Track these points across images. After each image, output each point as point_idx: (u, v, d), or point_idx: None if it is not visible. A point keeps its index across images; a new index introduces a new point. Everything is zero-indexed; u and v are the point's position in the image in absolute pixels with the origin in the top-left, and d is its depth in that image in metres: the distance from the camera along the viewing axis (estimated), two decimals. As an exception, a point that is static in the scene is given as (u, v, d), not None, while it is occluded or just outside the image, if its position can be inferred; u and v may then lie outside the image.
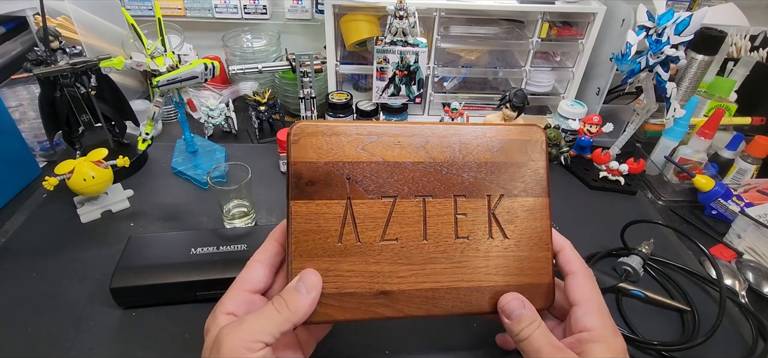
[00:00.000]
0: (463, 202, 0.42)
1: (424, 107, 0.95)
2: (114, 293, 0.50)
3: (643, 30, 0.65)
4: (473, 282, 0.40)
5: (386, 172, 0.41)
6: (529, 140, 0.44)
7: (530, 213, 0.43)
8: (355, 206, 0.40)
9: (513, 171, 0.43)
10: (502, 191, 0.43)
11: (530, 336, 0.36)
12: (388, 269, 0.39)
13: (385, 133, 0.41)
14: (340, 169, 0.40)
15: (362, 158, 0.40)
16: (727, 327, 0.53)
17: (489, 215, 0.42)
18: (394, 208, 0.41)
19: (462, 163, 0.42)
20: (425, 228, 0.41)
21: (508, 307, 0.38)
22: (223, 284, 0.50)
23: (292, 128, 0.39)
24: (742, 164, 0.76)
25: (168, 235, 0.57)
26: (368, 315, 0.38)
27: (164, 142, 0.83)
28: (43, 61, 0.65)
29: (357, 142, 0.41)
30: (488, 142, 0.43)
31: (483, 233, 0.42)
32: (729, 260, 0.63)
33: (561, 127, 0.86)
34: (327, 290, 0.38)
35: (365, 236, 0.40)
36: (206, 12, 0.98)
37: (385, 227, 0.40)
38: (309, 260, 0.38)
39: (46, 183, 0.59)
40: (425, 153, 0.42)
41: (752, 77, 0.93)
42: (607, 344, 0.35)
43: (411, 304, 0.39)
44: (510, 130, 0.44)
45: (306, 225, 0.39)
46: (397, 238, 0.40)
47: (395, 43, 0.79)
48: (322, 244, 0.39)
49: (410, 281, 0.39)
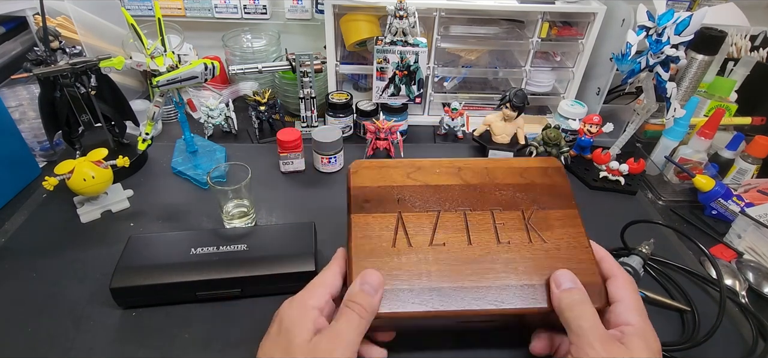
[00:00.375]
0: (499, 213, 0.47)
1: (424, 107, 0.95)
2: (114, 293, 0.50)
3: (643, 30, 0.65)
4: (520, 280, 0.43)
5: (429, 193, 0.48)
6: (548, 166, 0.52)
7: (563, 221, 0.47)
8: (405, 218, 0.46)
9: (539, 189, 0.49)
10: (533, 205, 0.48)
11: (580, 312, 0.38)
12: (439, 268, 0.43)
13: (425, 165, 0.51)
14: (390, 192, 0.48)
15: (408, 183, 0.49)
16: (727, 327, 0.53)
17: (525, 225, 0.47)
18: (439, 219, 0.47)
19: (492, 185, 0.50)
20: (469, 234, 0.46)
21: (560, 278, 0.41)
22: (224, 284, 0.51)
23: (351, 165, 0.50)
24: (742, 164, 0.76)
25: (168, 235, 0.57)
26: (422, 307, 0.41)
27: (164, 142, 0.83)
28: (43, 61, 0.65)
29: (403, 172, 0.50)
30: (512, 168, 0.51)
31: (523, 239, 0.46)
32: (729, 260, 0.63)
33: (561, 127, 0.86)
34: (385, 284, 0.41)
35: (416, 240, 0.45)
36: (206, 12, 0.98)
37: (433, 233, 0.45)
38: (367, 260, 0.43)
39: (46, 183, 0.59)
40: (460, 178, 0.50)
41: (752, 77, 0.93)
42: (647, 340, 0.37)
43: (463, 299, 0.41)
44: (529, 160, 0.53)
45: (364, 232, 0.45)
46: (444, 243, 0.45)
47: (395, 43, 0.79)
48: (378, 247, 0.44)
49: (461, 279, 0.43)
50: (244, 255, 0.53)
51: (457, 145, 0.89)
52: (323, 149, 0.75)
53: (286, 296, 0.46)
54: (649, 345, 0.37)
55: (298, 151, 0.74)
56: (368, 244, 0.44)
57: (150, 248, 0.54)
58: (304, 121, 0.86)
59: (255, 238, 0.56)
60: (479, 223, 0.47)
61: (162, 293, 0.51)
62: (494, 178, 0.50)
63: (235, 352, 0.48)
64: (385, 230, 0.45)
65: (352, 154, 0.81)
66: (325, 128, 0.77)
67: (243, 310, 0.52)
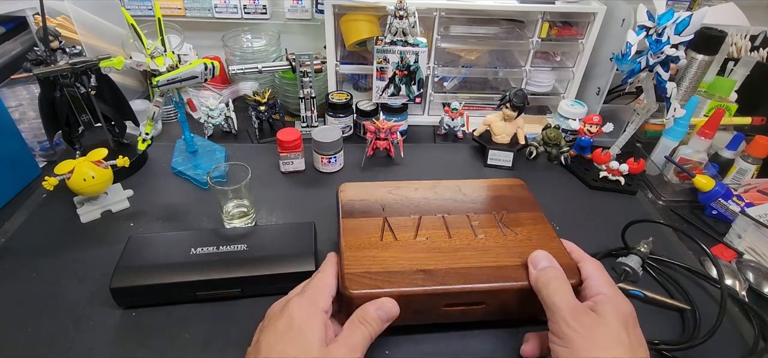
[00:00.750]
0: (473, 216, 0.54)
1: (424, 107, 0.95)
2: (114, 293, 0.50)
3: (643, 30, 0.65)
4: (498, 262, 0.48)
5: (410, 204, 0.56)
6: (513, 184, 0.61)
7: (532, 221, 0.54)
8: (390, 220, 0.53)
9: (507, 199, 0.58)
10: (503, 210, 0.56)
11: (554, 288, 0.41)
12: (424, 255, 0.48)
13: (403, 185, 0.60)
14: (375, 203, 0.56)
15: (390, 197, 0.57)
16: (727, 327, 0.53)
17: (498, 223, 0.53)
18: (421, 221, 0.53)
19: (464, 198, 0.58)
20: (448, 231, 0.52)
21: (536, 258, 0.45)
22: (224, 284, 0.51)
23: (339, 186, 0.58)
24: (742, 164, 0.76)
25: (168, 235, 0.57)
26: (412, 286, 0.45)
27: (164, 142, 0.83)
28: (43, 61, 0.65)
29: (385, 190, 0.58)
30: (481, 185, 0.61)
31: (497, 233, 0.52)
32: (729, 260, 0.63)
33: (561, 127, 0.86)
34: (374, 269, 0.46)
35: (401, 236, 0.51)
36: (206, 12, 0.98)
37: (416, 231, 0.52)
38: (357, 251, 0.48)
39: (45, 183, 0.59)
40: (436, 193, 0.58)
41: (752, 77, 0.93)
42: (616, 305, 0.40)
43: (448, 278, 0.46)
44: (496, 180, 0.62)
45: (354, 231, 0.51)
46: (427, 237, 0.51)
47: (395, 43, 0.79)
48: (367, 242, 0.49)
49: (444, 263, 0.47)
50: (244, 255, 0.53)
51: (457, 145, 0.89)
52: (323, 149, 0.75)
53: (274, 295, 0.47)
54: (620, 309, 0.40)
55: (298, 151, 0.74)
56: (358, 239, 0.49)
57: (150, 248, 0.54)
58: (304, 121, 0.86)
59: (255, 238, 0.56)
60: (457, 222, 0.53)
61: (162, 293, 0.51)
62: (466, 192, 0.59)
63: (235, 352, 0.48)
64: (373, 229, 0.51)
65: (352, 154, 0.81)
66: (325, 128, 0.77)
67: (243, 310, 0.52)
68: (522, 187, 0.60)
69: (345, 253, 0.47)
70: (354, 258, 0.47)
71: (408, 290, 0.44)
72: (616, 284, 0.55)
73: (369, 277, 0.45)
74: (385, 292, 0.44)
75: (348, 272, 0.45)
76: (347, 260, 0.47)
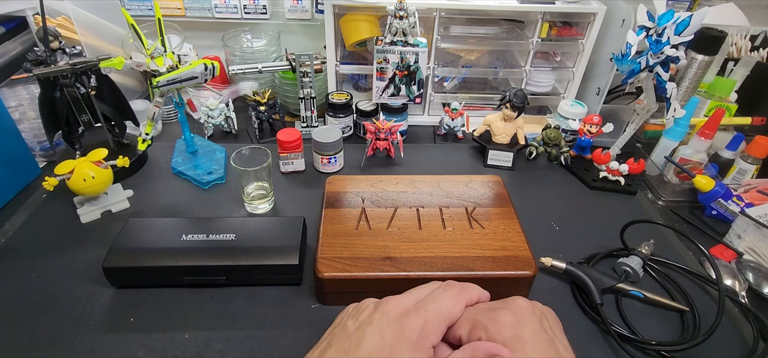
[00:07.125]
0: (446, 210, 0.59)
1: (424, 107, 0.95)
2: (106, 273, 0.52)
3: (643, 30, 0.65)
4: (461, 253, 0.53)
5: (389, 196, 0.61)
6: (490, 180, 0.66)
7: (501, 215, 0.59)
8: (367, 211, 0.59)
9: (481, 194, 0.63)
10: (475, 203, 0.61)
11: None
12: (393, 244, 0.53)
13: (386, 179, 0.65)
14: (356, 194, 0.62)
15: (371, 190, 0.62)
16: (727, 327, 0.53)
17: (468, 217, 0.58)
18: (396, 213, 0.59)
19: (440, 192, 0.63)
20: (420, 222, 0.57)
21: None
22: (209, 271, 0.52)
23: (327, 179, 0.64)
24: (742, 164, 0.76)
25: (164, 221, 0.59)
26: (376, 271, 0.49)
27: (164, 142, 0.83)
28: (43, 61, 0.65)
29: (369, 183, 0.64)
30: (458, 180, 0.65)
31: (465, 226, 0.57)
32: (729, 260, 0.63)
33: (561, 128, 0.86)
34: (344, 254, 0.51)
35: (375, 226, 0.56)
36: (206, 12, 0.98)
37: (390, 221, 0.57)
38: (333, 238, 0.54)
39: (46, 183, 0.59)
40: (415, 186, 0.64)
41: (752, 77, 0.93)
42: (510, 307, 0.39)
43: (410, 265, 0.50)
44: (474, 176, 0.67)
45: (332, 218, 0.57)
46: (398, 228, 0.56)
47: (395, 43, 0.79)
48: (343, 228, 0.55)
49: (410, 251, 0.52)
50: (231, 244, 0.54)
51: (457, 145, 0.89)
52: (323, 149, 0.75)
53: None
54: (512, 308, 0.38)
55: (298, 152, 0.75)
56: (335, 228, 0.55)
57: (144, 231, 0.56)
58: (304, 121, 0.86)
59: (245, 229, 0.57)
60: (429, 214, 0.58)
61: (150, 275, 0.53)
62: (443, 186, 0.63)
63: (236, 352, 0.48)
64: (350, 219, 0.57)
65: (352, 155, 0.81)
66: (325, 128, 0.77)
67: (244, 310, 0.52)
68: (499, 183, 0.65)
69: (322, 239, 0.53)
70: (328, 244, 0.53)
71: (373, 275, 0.49)
72: (617, 284, 0.56)
73: (339, 261, 0.50)
74: (352, 276, 0.49)
75: (321, 257, 0.51)
76: (322, 246, 0.52)
